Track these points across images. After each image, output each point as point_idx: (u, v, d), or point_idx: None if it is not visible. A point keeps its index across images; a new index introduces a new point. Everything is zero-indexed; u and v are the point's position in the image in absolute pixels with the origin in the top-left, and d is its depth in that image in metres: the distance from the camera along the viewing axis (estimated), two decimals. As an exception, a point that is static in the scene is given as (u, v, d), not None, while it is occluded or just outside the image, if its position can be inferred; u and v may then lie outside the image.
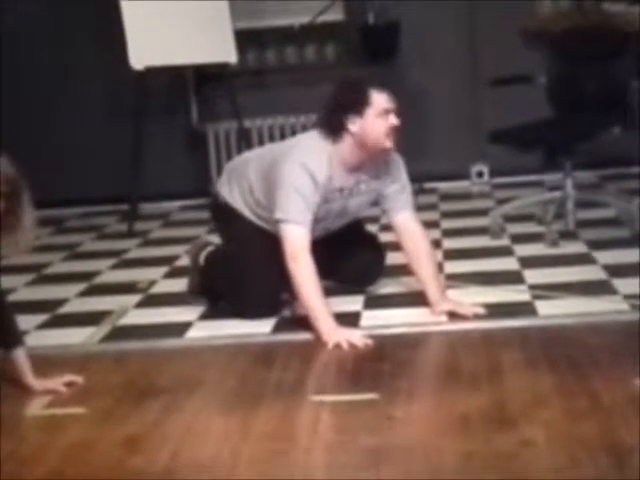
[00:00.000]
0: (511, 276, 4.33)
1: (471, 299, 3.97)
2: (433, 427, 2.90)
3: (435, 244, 4.25)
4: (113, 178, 6.57)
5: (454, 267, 4.53)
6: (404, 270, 4.16)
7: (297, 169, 3.77)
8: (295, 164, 3.79)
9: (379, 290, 4.26)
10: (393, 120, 3.78)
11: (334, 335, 3.63)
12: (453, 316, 3.81)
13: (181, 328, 3.97)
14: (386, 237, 4.51)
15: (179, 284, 4.47)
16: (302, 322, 3.80)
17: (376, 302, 4.12)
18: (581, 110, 4.94)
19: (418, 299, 3.98)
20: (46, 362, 3.53)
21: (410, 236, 3.96)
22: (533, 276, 4.29)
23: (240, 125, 6.38)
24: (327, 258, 3.88)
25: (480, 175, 6.61)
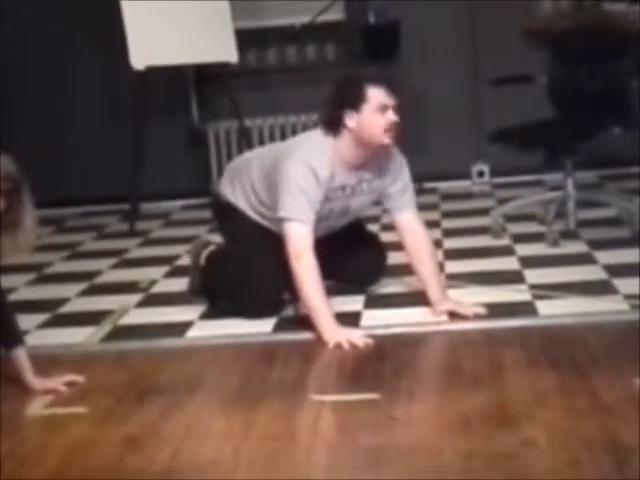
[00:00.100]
0: (512, 276, 4.33)
1: (472, 299, 3.97)
2: (434, 427, 2.90)
3: (436, 244, 4.25)
4: (114, 177, 6.56)
5: (455, 267, 4.52)
6: (405, 270, 4.16)
7: (300, 168, 3.77)
8: (298, 163, 3.78)
9: (380, 290, 4.25)
10: (391, 116, 3.77)
11: (335, 335, 3.63)
12: (454, 316, 3.81)
13: (182, 328, 3.97)
14: (387, 237, 4.51)
15: (180, 284, 4.47)
16: (302, 321, 3.80)
17: (376, 302, 4.12)
18: (582, 110, 4.93)
19: (419, 299, 3.98)
20: (47, 361, 3.53)
21: (412, 235, 3.96)
22: (534, 276, 4.29)
23: (241, 125, 6.38)
24: (328, 258, 3.88)
25: (481, 175, 6.61)
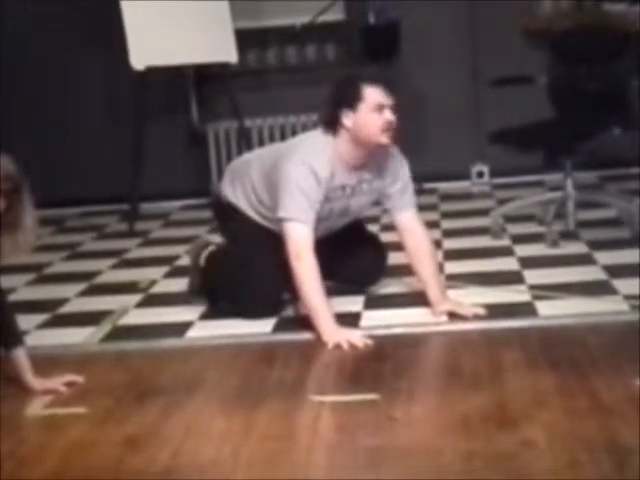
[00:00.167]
0: (511, 276, 4.33)
1: (471, 299, 3.97)
2: (433, 427, 2.90)
3: (435, 244, 4.25)
4: (113, 178, 6.56)
5: (454, 267, 4.52)
6: (404, 270, 4.16)
7: (300, 168, 3.77)
8: (298, 163, 3.79)
9: (379, 290, 4.25)
10: (388, 116, 3.77)
11: (334, 335, 3.63)
12: (453, 316, 3.81)
13: (181, 328, 3.97)
14: (387, 237, 4.51)
15: (179, 284, 4.47)
16: (302, 322, 3.80)
17: (376, 302, 4.11)
18: (581, 110, 4.93)
19: (418, 299, 3.98)
20: (46, 362, 3.53)
21: (412, 236, 3.96)
22: (533, 276, 4.29)
23: (240, 125, 6.38)
24: (328, 258, 3.88)
25: (480, 175, 6.60)
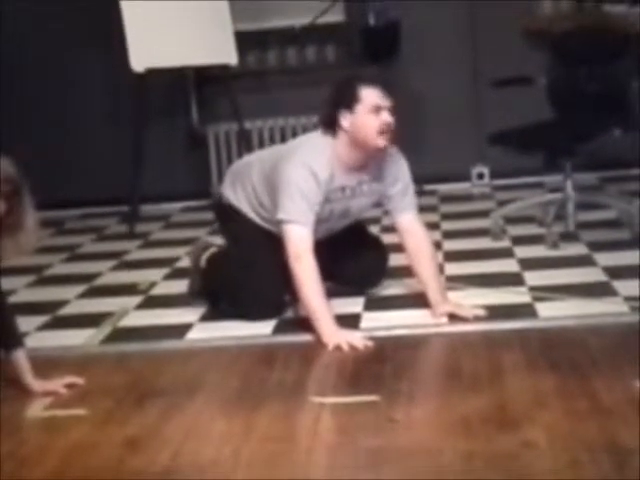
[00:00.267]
0: (511, 278, 4.32)
1: (471, 301, 3.97)
2: (434, 429, 2.89)
3: (435, 246, 4.25)
4: (113, 179, 6.56)
5: (454, 269, 4.52)
6: (405, 271, 4.16)
7: (300, 170, 3.77)
8: (297, 165, 3.79)
9: (380, 292, 4.25)
10: (385, 117, 3.76)
11: (334, 337, 3.63)
12: (453, 318, 3.81)
13: (181, 330, 3.97)
14: (387, 238, 4.51)
15: (180, 286, 4.46)
16: (302, 323, 3.80)
17: (376, 304, 4.11)
18: (582, 111, 4.93)
19: (418, 301, 3.98)
20: (46, 364, 3.53)
21: (412, 237, 3.96)
22: (533, 278, 4.29)
23: (240, 127, 6.38)
24: (329, 260, 3.88)
25: (480, 177, 6.60)
